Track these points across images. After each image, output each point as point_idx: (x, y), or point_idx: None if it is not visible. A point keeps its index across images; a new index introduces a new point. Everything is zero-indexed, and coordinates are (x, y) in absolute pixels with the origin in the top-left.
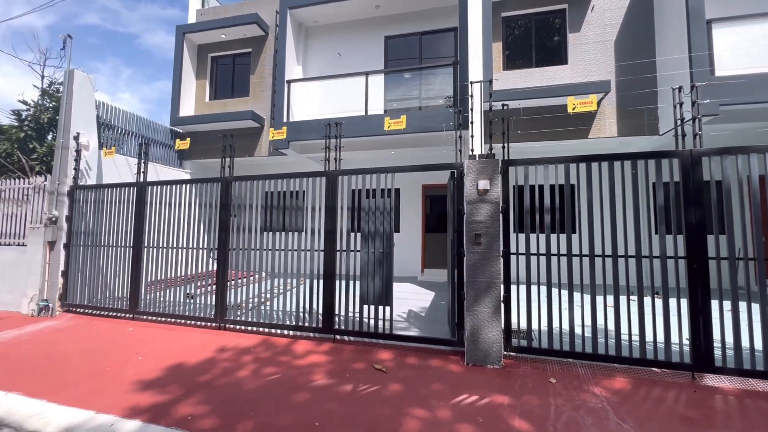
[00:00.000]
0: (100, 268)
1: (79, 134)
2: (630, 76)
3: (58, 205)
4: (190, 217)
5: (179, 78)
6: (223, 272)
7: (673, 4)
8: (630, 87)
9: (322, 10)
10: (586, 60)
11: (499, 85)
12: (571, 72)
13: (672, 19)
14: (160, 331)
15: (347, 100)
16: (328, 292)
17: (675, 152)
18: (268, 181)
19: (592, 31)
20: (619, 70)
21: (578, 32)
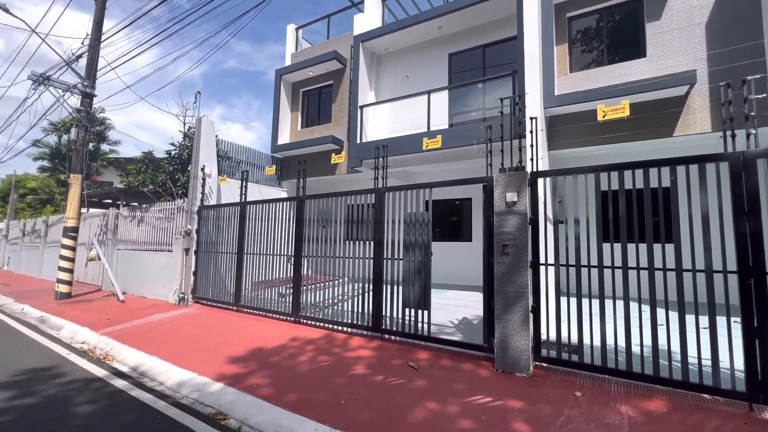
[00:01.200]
0: (218, 270)
1: (204, 166)
2: (728, 64)
3: (191, 221)
4: (276, 229)
5: (278, 112)
6: (297, 276)
7: None
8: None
9: (390, 39)
10: (669, 50)
11: (566, 88)
12: (649, 65)
13: None
14: (253, 321)
15: (413, 119)
16: (376, 295)
17: (724, 155)
18: (332, 198)
19: (677, 16)
20: (712, 58)
21: (658, 20)
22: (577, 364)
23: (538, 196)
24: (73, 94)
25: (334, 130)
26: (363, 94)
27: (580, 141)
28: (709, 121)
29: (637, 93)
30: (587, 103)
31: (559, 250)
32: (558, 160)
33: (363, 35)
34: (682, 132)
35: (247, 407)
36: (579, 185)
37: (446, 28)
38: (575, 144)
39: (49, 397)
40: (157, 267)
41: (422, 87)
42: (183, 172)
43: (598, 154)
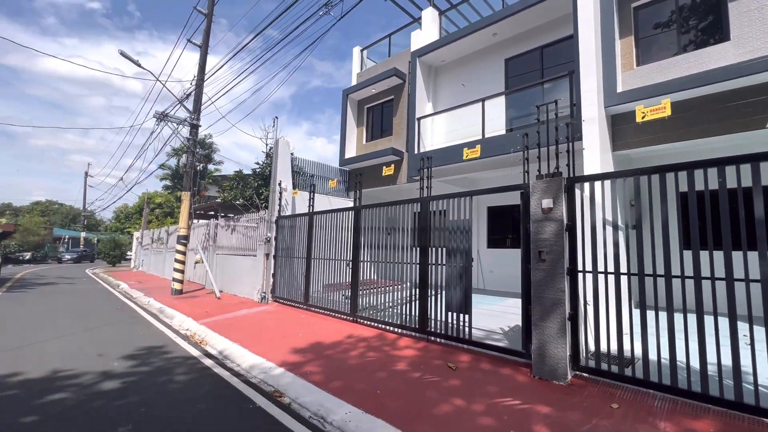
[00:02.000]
0: (291, 273)
1: (281, 181)
2: None
3: (270, 230)
4: (337, 236)
5: (344, 128)
6: (354, 280)
7: None
8: None
9: (446, 51)
10: (759, 30)
11: (632, 83)
12: (734, 50)
13: None
14: (318, 319)
15: (469, 127)
16: (422, 299)
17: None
18: (383, 208)
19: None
20: None
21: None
22: (618, 375)
23: (575, 202)
24: (184, 126)
25: (394, 142)
26: (421, 106)
27: (652, 138)
28: None
29: (720, 81)
30: (658, 98)
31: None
32: (632, 159)
33: (419, 50)
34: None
35: (299, 389)
36: (618, 189)
37: (501, 34)
38: (646, 142)
39: (158, 368)
40: (244, 269)
41: (479, 94)
42: (266, 187)
43: (675, 152)
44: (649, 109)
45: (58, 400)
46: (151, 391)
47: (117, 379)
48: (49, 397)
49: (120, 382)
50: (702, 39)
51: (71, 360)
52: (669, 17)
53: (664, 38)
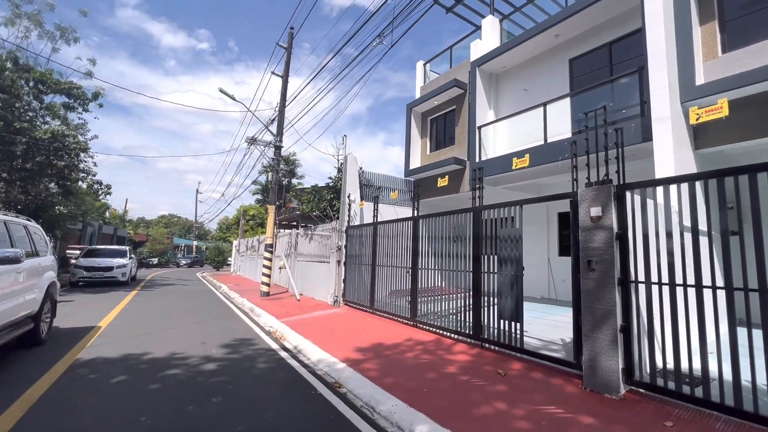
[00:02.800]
0: (360, 278)
1: (350, 194)
2: None
3: (341, 239)
4: (398, 245)
5: (409, 140)
6: (414, 286)
7: None
8: None
9: (506, 57)
10: None
11: (716, 73)
12: None
13: None
14: (382, 322)
15: (532, 132)
16: (475, 306)
17: None
18: (439, 218)
19: None
20: None
21: None
22: (675, 393)
23: (626, 209)
24: (269, 148)
25: (457, 152)
26: (482, 114)
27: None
28: None
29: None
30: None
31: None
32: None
33: (479, 60)
34: None
35: (356, 382)
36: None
37: (563, 35)
38: (738, 136)
39: (245, 356)
40: (320, 275)
41: (542, 98)
42: (338, 199)
43: None
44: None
45: (173, 374)
46: (238, 374)
47: (214, 362)
48: (167, 371)
49: (216, 364)
50: None
51: (183, 345)
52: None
53: (760, 17)
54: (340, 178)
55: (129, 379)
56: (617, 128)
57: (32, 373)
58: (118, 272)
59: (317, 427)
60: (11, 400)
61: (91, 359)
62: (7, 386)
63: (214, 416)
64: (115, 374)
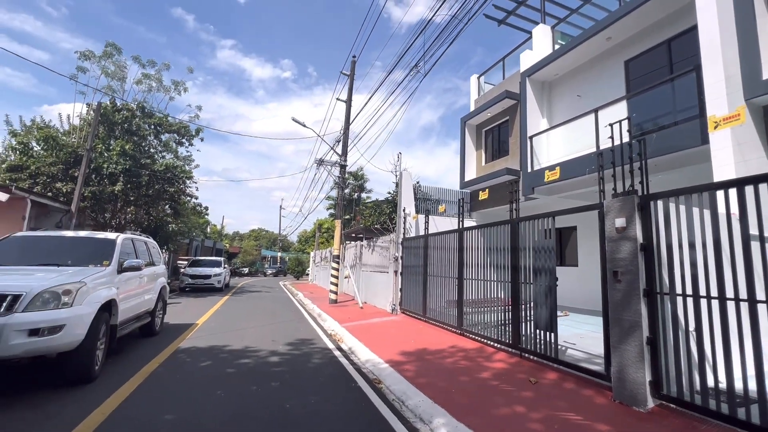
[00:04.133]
0: (414, 287)
1: (405, 207)
2: None
3: (398, 250)
4: (447, 256)
5: (464, 152)
6: (460, 295)
7: None
8: None
9: (557, 65)
10: None
11: None
12: None
13: None
14: (432, 330)
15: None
16: (514, 315)
17: None
18: (481, 229)
19: None
20: None
21: None
22: (706, 409)
23: (651, 220)
24: (336, 167)
25: (510, 162)
26: (534, 123)
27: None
28: None
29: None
30: None
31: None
32: None
33: (528, 70)
34: None
35: (393, 379)
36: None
37: (615, 37)
38: None
39: (305, 352)
40: (380, 284)
41: (597, 103)
42: (396, 213)
43: None
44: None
45: (245, 363)
46: (296, 366)
47: (278, 356)
48: (241, 360)
49: (279, 358)
50: None
51: (257, 341)
52: None
53: None
54: (398, 192)
55: (213, 364)
56: (640, 139)
57: (147, 354)
58: (215, 280)
59: (350, 411)
60: (134, 372)
61: (188, 348)
62: (131, 362)
63: (270, 395)
64: (203, 360)
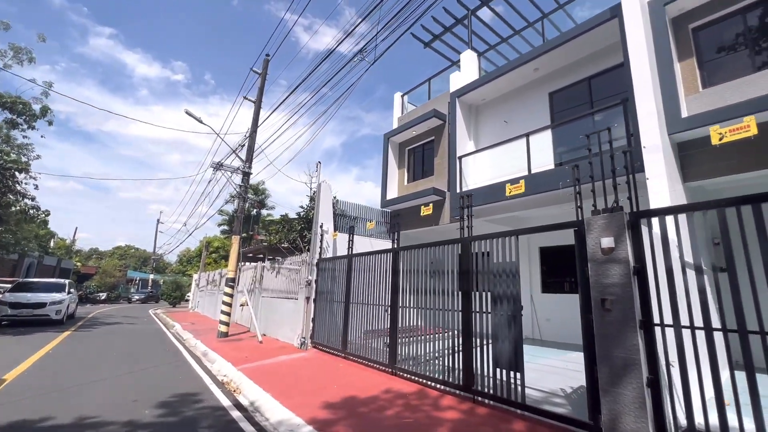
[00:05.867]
0: (331, 317)
1: (322, 224)
2: None
3: (311, 272)
4: (376, 280)
5: (386, 171)
6: (393, 327)
7: None
8: None
9: (486, 89)
10: None
11: (699, 107)
12: None
13: None
14: (355, 369)
15: (513, 163)
16: (466, 351)
17: None
18: (423, 249)
19: None
20: None
21: None
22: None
23: (642, 240)
24: (237, 174)
25: (436, 182)
26: (462, 144)
27: (732, 165)
28: None
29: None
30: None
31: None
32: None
33: (458, 91)
34: None
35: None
36: (696, 224)
37: (543, 69)
38: (725, 170)
39: (186, 418)
40: (286, 313)
41: (522, 130)
42: (309, 230)
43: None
44: (727, 129)
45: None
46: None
47: (141, 430)
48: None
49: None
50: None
51: (104, 405)
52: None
53: (734, 58)
54: (312, 207)
55: None
56: (625, 151)
57: None
58: (52, 309)
59: None
60: None
61: None
62: None
63: None
64: None
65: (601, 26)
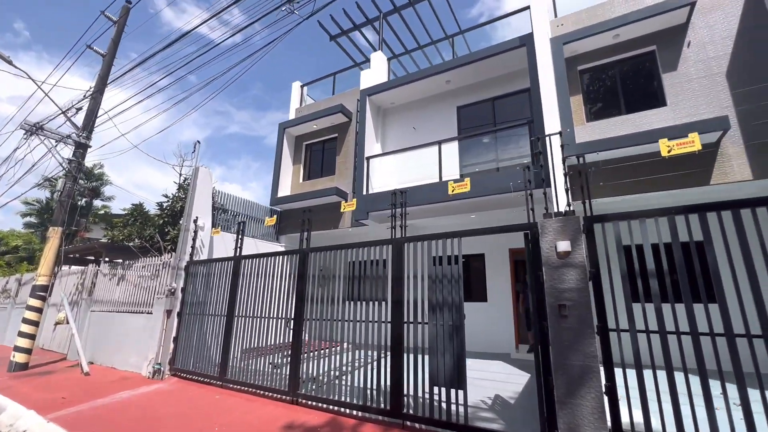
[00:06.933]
0: (203, 336)
1: (197, 218)
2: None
3: (177, 278)
4: (273, 288)
5: (279, 164)
6: (297, 343)
7: None
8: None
9: (396, 93)
10: (691, 98)
11: (583, 137)
12: (672, 113)
13: None
14: (241, 400)
15: (422, 170)
16: (395, 368)
17: None
18: (342, 251)
19: (693, 67)
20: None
21: (675, 71)
22: None
23: (596, 245)
24: (66, 145)
25: (338, 182)
26: (369, 145)
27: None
28: (747, 168)
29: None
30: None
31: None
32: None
33: (370, 89)
34: (720, 180)
35: None
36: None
37: (455, 82)
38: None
39: None
40: (133, 332)
41: (430, 139)
42: (174, 225)
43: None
44: (676, 143)
45: None
46: None
47: None
48: None
49: None
50: (644, 102)
51: None
52: (611, 81)
53: (610, 99)
54: (181, 197)
55: None
56: (579, 155)
57: None
58: None
59: None
60: None
61: None
62: None
63: None
64: None
65: (509, 52)
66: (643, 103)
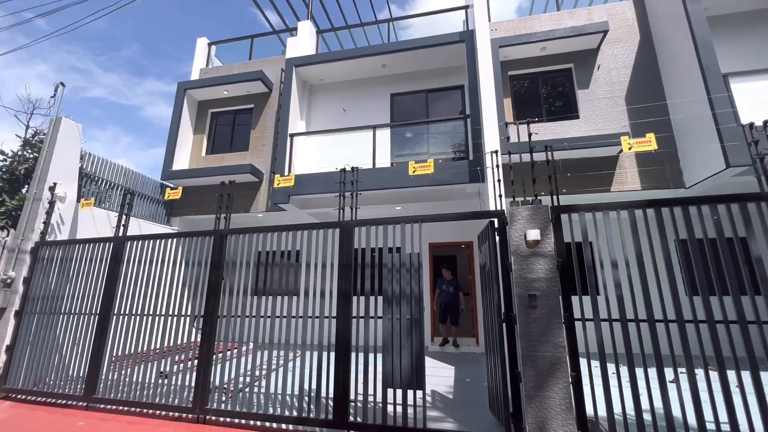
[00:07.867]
0: (56, 342)
1: (55, 185)
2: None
3: (16, 265)
4: (173, 278)
5: (176, 132)
6: (208, 347)
7: (678, 63)
8: None
9: (327, 69)
10: (599, 114)
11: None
12: (584, 126)
13: (679, 75)
14: (120, 425)
15: (353, 154)
16: (341, 371)
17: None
18: (271, 234)
19: (601, 88)
20: (634, 125)
21: (587, 89)
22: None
23: (563, 235)
24: None
25: (252, 159)
26: (293, 122)
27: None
28: (637, 179)
29: (577, 149)
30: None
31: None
32: None
33: (297, 59)
34: (618, 188)
35: None
36: (611, 223)
37: (390, 68)
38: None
39: None
40: None
41: (360, 123)
42: (12, 194)
43: None
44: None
45: None
46: None
47: None
48: None
49: None
50: (562, 112)
51: None
52: (536, 89)
53: (534, 106)
54: (28, 157)
55: None
56: (546, 145)
57: None
58: None
59: None
60: None
61: None
62: None
63: None
64: None
65: (447, 46)
66: (562, 114)
